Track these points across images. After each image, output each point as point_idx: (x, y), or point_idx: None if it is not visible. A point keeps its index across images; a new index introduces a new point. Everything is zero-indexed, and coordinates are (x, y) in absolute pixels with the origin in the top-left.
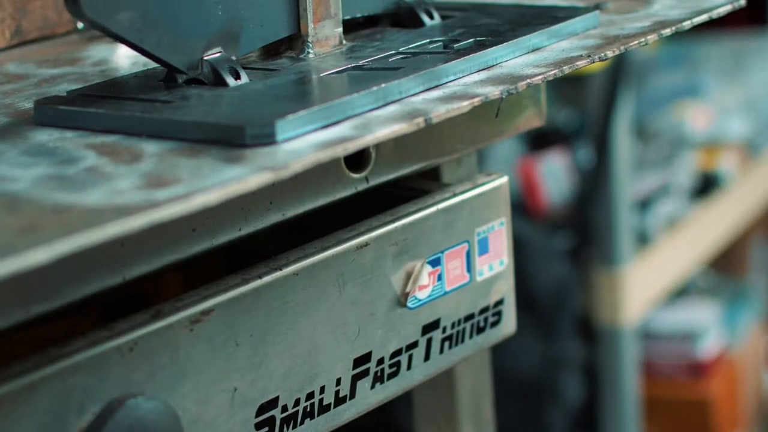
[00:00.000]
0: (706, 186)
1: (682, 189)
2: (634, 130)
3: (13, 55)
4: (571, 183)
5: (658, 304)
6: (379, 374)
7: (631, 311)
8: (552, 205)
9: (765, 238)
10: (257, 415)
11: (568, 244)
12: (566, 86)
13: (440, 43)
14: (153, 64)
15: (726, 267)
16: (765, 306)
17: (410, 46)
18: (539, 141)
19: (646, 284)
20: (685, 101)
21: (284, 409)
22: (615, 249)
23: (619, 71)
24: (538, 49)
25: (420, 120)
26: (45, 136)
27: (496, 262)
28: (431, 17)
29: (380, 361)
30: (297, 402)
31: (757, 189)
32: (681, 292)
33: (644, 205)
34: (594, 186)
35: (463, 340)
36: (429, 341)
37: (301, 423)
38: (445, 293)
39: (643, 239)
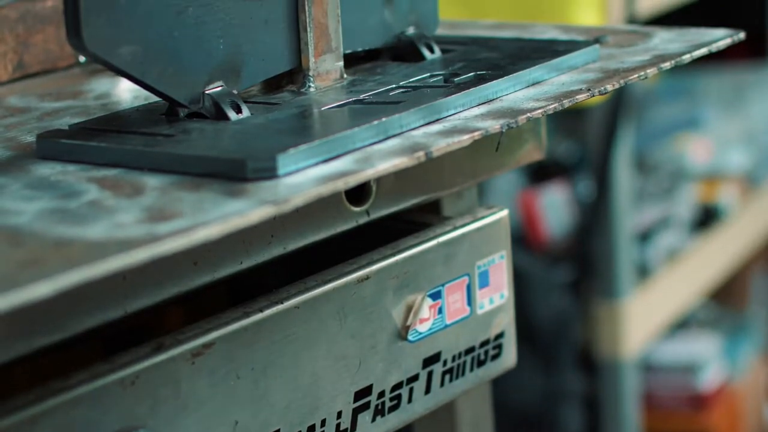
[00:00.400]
0: (707, 218)
1: (683, 221)
2: (635, 163)
3: (16, 89)
4: (571, 215)
5: (659, 337)
6: (379, 407)
7: (632, 343)
8: (552, 237)
9: (765, 271)
10: None
11: (569, 277)
12: (566, 119)
13: (441, 77)
14: (155, 98)
15: (726, 299)
16: (766, 338)
17: (411, 79)
18: (540, 173)
19: (646, 316)
20: (685, 133)
21: None
22: (615, 281)
23: (619, 104)
24: (538, 82)
25: (421, 154)
26: (47, 170)
27: (497, 296)
28: (432, 51)
29: (381, 394)
30: None
31: (757, 221)
32: (681, 325)
33: (644, 237)
34: (594, 218)
35: (463, 373)
36: (430, 374)
37: None
38: (446, 326)
39: (643, 271)
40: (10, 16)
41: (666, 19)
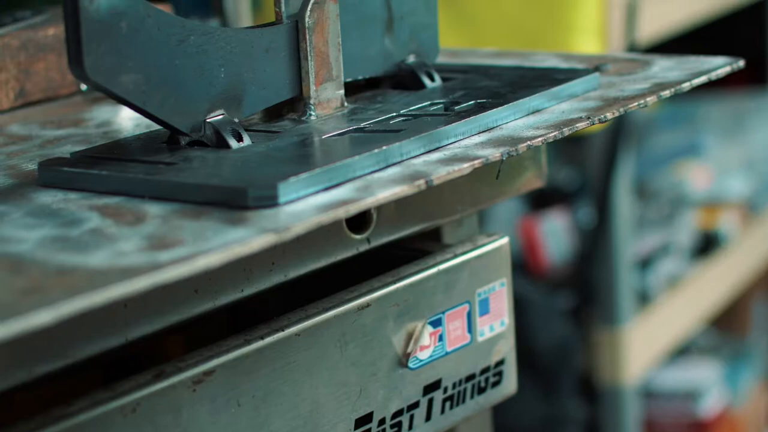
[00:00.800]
0: (707, 245)
1: (683, 248)
2: (635, 190)
3: (17, 117)
4: (572, 242)
5: (660, 363)
6: None
7: (633, 370)
8: (553, 264)
9: (766, 297)
10: None
11: (569, 304)
12: (567, 146)
13: (441, 105)
14: (156, 126)
15: (727, 326)
16: (766, 365)
17: (411, 108)
18: (540, 200)
19: (647, 343)
20: (686, 160)
21: None
22: (616, 308)
23: (619, 131)
24: (538, 110)
25: (421, 182)
26: (49, 198)
27: (497, 323)
28: (432, 79)
29: (382, 422)
30: None
31: (757, 248)
32: (682, 351)
33: (645, 264)
34: (595, 245)
35: (464, 401)
36: (430, 401)
37: None
38: (446, 353)
39: (644, 298)
40: (11, 44)
41: (666, 46)
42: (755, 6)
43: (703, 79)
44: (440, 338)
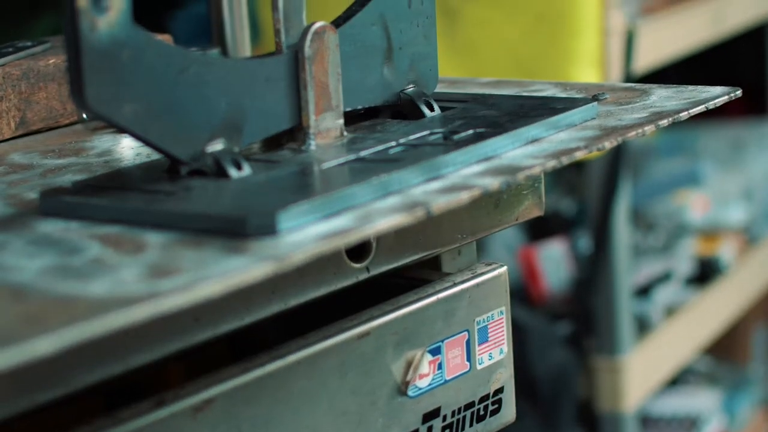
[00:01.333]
0: (706, 273)
1: (682, 276)
2: (634, 218)
3: (19, 146)
4: (571, 270)
5: (659, 391)
6: None
7: (632, 398)
8: (552, 292)
9: (765, 325)
10: None
11: (569, 331)
12: (566, 174)
13: (440, 135)
14: (156, 155)
15: (726, 353)
16: (765, 393)
17: (410, 137)
18: (539, 228)
19: (646, 371)
20: (685, 188)
21: None
22: (615, 336)
23: (618, 159)
24: (537, 140)
25: (420, 211)
26: (50, 227)
27: (496, 351)
28: (431, 108)
29: None
30: None
31: (756, 276)
32: (681, 379)
33: (644, 292)
34: (594, 273)
35: (463, 429)
36: (430, 429)
37: None
38: (446, 382)
39: (643, 326)
40: (13, 74)
41: (665, 74)
42: (755, 34)
43: (700, 108)
44: (439, 366)
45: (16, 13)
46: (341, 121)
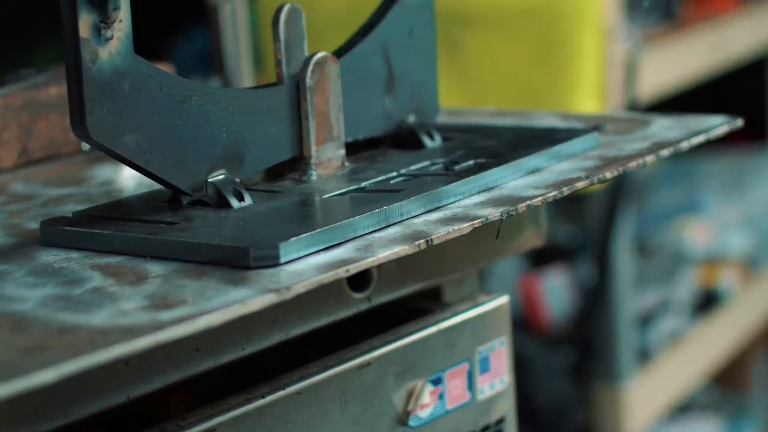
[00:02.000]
0: (707, 302)
1: (683, 305)
2: (635, 247)
3: (20, 175)
4: (572, 299)
5: (661, 420)
6: None
7: (634, 427)
8: (553, 321)
9: (766, 354)
10: None
11: (570, 360)
12: (567, 203)
13: (441, 165)
14: (157, 185)
15: (728, 382)
16: (767, 422)
17: (411, 167)
18: (540, 257)
19: (648, 400)
20: (686, 217)
21: None
22: (617, 365)
23: (619, 188)
24: (537, 170)
25: (421, 242)
26: (51, 257)
27: (497, 381)
28: (432, 139)
29: None
30: None
31: (758, 305)
32: (683, 408)
33: (645, 321)
34: (595, 302)
35: None
36: None
37: None
38: (447, 412)
39: (644, 355)
40: (14, 104)
41: (666, 103)
42: (755, 64)
43: (701, 138)
44: (440, 397)
45: (17, 39)
46: (342, 151)
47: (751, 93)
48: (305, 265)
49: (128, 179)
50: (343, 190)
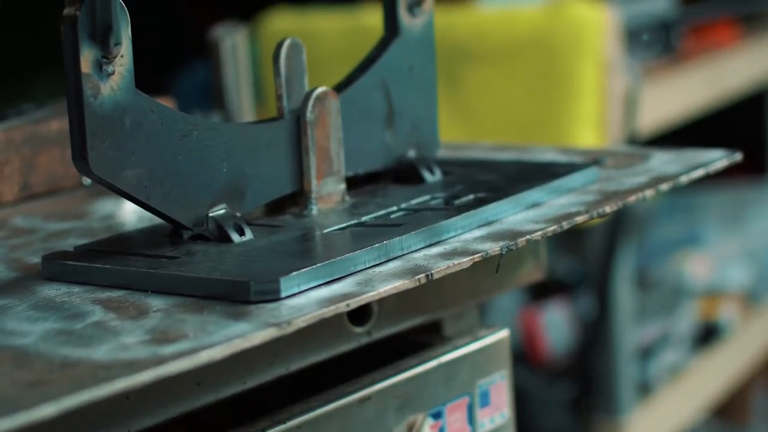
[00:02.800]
0: (708, 335)
1: (684, 338)
2: (635, 280)
3: (21, 210)
4: (572, 333)
5: None
6: None
7: None
8: (553, 354)
9: (767, 388)
10: None
11: (570, 394)
12: (567, 237)
13: (441, 200)
14: (158, 219)
15: (728, 416)
16: None
17: (411, 202)
18: (540, 291)
19: None
20: (686, 251)
21: None
22: (617, 399)
23: (619, 222)
24: (537, 204)
25: (421, 276)
26: (52, 291)
27: (498, 415)
28: (432, 173)
29: None
30: None
31: (758, 338)
32: None
33: (646, 354)
34: (595, 336)
35: None
36: None
37: None
38: None
39: (644, 389)
40: (16, 138)
41: (666, 137)
42: (754, 97)
43: (700, 172)
44: (441, 431)
45: (17, 73)
46: (343, 185)
47: (750, 126)
48: (306, 299)
49: (129, 213)
50: (344, 225)
